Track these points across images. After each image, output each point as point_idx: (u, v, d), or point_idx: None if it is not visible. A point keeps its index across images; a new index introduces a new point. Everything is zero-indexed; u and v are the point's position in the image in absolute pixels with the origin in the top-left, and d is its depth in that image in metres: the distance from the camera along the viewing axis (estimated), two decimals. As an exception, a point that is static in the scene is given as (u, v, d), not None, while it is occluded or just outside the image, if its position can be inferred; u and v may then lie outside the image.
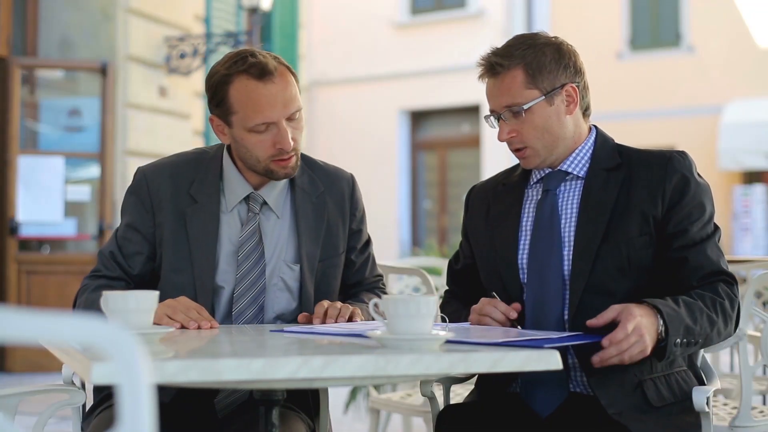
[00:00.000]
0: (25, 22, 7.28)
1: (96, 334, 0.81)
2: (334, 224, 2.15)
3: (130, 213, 2.11)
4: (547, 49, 1.93)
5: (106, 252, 2.09)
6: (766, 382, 3.48)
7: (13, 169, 6.79)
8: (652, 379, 1.85)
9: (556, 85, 1.92)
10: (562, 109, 1.94)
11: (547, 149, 1.94)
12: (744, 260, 4.21)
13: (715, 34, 14.32)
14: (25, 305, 6.71)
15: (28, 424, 2.00)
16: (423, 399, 2.89)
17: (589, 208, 1.91)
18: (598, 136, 2.01)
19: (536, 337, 1.62)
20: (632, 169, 1.92)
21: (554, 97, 1.92)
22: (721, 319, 1.82)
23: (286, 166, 2.03)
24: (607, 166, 1.94)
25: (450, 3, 14.97)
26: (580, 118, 1.99)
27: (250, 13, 8.98)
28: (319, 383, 1.67)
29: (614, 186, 1.91)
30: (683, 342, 1.76)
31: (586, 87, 2.00)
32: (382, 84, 14.86)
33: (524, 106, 1.91)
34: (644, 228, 1.87)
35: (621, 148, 1.99)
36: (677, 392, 1.88)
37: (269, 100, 1.97)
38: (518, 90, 1.91)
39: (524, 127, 1.92)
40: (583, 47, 9.09)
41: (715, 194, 1.94)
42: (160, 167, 2.13)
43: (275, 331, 1.80)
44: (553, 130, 1.93)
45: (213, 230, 2.05)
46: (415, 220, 15.23)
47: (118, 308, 1.56)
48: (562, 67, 1.93)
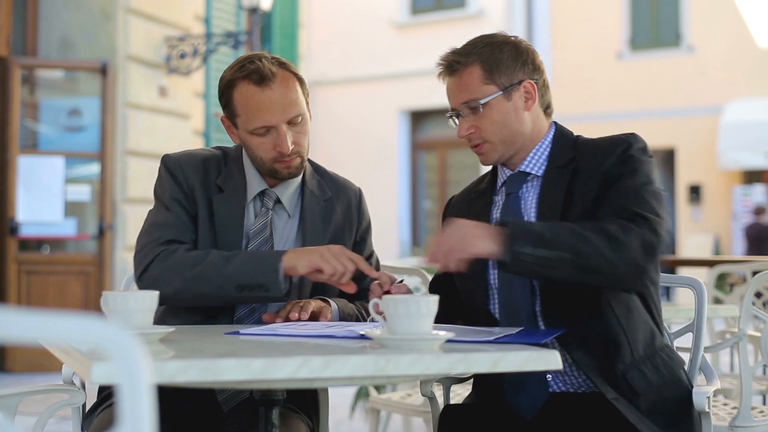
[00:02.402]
0: (25, 22, 7.29)
1: (96, 334, 0.81)
2: (340, 230, 2.18)
3: (174, 191, 2.09)
4: (504, 47, 1.95)
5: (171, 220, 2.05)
6: (766, 382, 3.49)
7: (13, 169, 6.79)
8: (636, 366, 1.83)
9: (514, 81, 1.94)
10: (521, 105, 1.95)
11: (505, 144, 1.95)
12: (744, 260, 4.21)
13: (715, 34, 14.32)
14: (25, 305, 6.71)
15: (28, 424, 2.00)
16: (423, 399, 2.89)
17: (545, 207, 1.91)
18: (557, 133, 2.01)
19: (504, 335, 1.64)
20: (580, 161, 1.92)
21: (512, 93, 1.94)
22: (603, 240, 1.70)
23: (289, 166, 2.08)
24: (560, 164, 1.94)
25: (450, 3, 14.98)
26: (540, 115, 1.99)
27: (250, 13, 8.98)
28: (319, 383, 1.67)
29: (564, 182, 1.91)
30: (537, 254, 1.68)
31: (546, 85, 2.00)
32: (382, 84, 14.86)
33: (481, 101, 1.92)
34: (591, 214, 1.85)
35: (578, 141, 1.98)
36: (663, 370, 1.86)
37: (268, 105, 2.03)
38: (476, 86, 1.93)
39: (482, 122, 1.94)
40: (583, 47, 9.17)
41: (715, 194, 1.93)
42: (191, 155, 2.16)
43: (230, 333, 1.75)
44: (511, 125, 1.94)
45: (238, 219, 2.10)
46: (415, 220, 15.24)
47: (118, 308, 1.56)
48: (520, 63, 1.95)
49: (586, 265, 1.71)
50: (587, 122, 12.85)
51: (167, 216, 2.08)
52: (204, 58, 7.86)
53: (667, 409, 1.83)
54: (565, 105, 15.00)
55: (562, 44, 14.98)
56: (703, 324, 2.03)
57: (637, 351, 1.84)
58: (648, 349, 1.86)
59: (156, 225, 2.06)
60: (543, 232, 1.70)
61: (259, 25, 9.21)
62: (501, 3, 14.46)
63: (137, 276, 2.02)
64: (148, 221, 2.10)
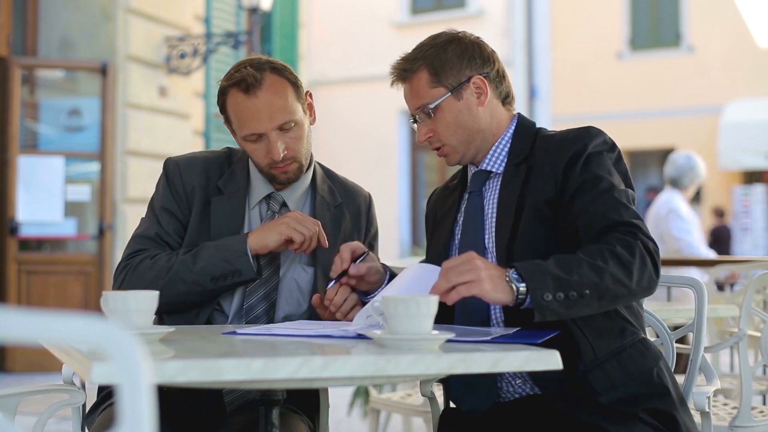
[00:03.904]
0: (25, 22, 7.29)
1: (96, 334, 0.81)
2: (349, 237, 2.17)
3: (166, 200, 2.12)
4: (448, 46, 1.93)
5: (150, 233, 2.09)
6: (766, 382, 3.49)
7: (13, 169, 6.79)
8: (599, 365, 1.76)
9: (462, 79, 1.91)
10: (473, 102, 1.92)
11: (463, 144, 1.93)
12: (744, 260, 4.21)
13: (715, 34, 14.32)
14: (25, 305, 6.71)
15: (28, 424, 2.00)
16: (423, 399, 2.89)
17: (503, 207, 1.88)
18: (519, 126, 1.97)
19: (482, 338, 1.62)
20: (535, 157, 1.88)
21: (462, 92, 1.91)
22: (615, 265, 1.65)
23: (285, 171, 2.09)
24: (517, 161, 1.91)
25: (450, 3, 14.99)
26: (498, 107, 1.96)
27: (250, 13, 8.97)
28: (319, 383, 1.67)
29: (519, 180, 1.87)
30: (560, 297, 1.60)
31: (501, 75, 1.96)
32: (382, 84, 14.72)
33: (431, 106, 1.91)
34: (544, 216, 1.81)
35: (537, 135, 1.93)
36: (632, 369, 1.78)
37: (254, 112, 2.03)
38: (425, 90, 1.92)
39: (437, 125, 1.92)
40: (583, 47, 9.14)
41: (715, 194, 1.92)
42: (193, 158, 2.17)
43: (227, 333, 1.75)
44: (466, 124, 1.92)
45: (237, 222, 2.10)
46: (415, 220, 15.24)
47: (118, 308, 1.56)
48: (466, 60, 1.92)
49: (607, 295, 1.66)
50: (587, 122, 12.78)
51: (150, 228, 2.10)
52: (204, 58, 7.86)
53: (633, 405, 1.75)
54: (565, 105, 15.00)
55: (562, 44, 14.98)
56: (704, 324, 2.03)
57: (600, 350, 1.77)
58: (614, 345, 1.78)
59: (137, 237, 2.10)
60: (560, 274, 1.62)
61: (259, 25, 9.21)
62: (501, 3, 14.46)
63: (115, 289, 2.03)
64: (136, 230, 2.14)
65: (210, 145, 8.66)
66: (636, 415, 1.76)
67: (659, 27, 14.82)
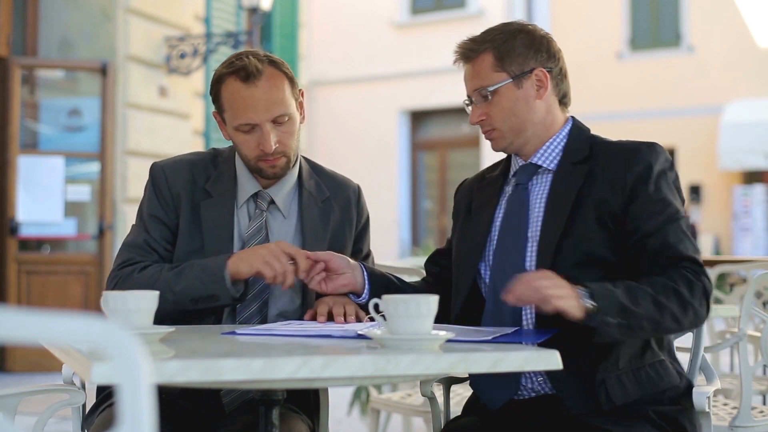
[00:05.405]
0: (25, 22, 7.29)
1: (96, 334, 0.81)
2: (340, 229, 2.18)
3: (153, 205, 2.12)
4: (518, 35, 1.95)
5: (139, 241, 2.10)
6: (766, 382, 3.49)
7: (13, 169, 6.79)
8: (617, 376, 1.80)
9: (525, 69, 1.93)
10: (532, 94, 1.94)
11: (513, 132, 1.94)
12: (744, 260, 4.21)
13: (715, 34, 14.32)
14: (25, 305, 6.71)
15: (28, 424, 2.00)
16: (423, 399, 2.89)
17: (554, 202, 1.89)
18: (574, 128, 1.99)
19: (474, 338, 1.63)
20: (598, 162, 1.90)
21: (523, 81, 1.93)
22: (676, 305, 1.73)
23: (274, 165, 2.08)
24: (575, 160, 1.92)
25: (450, 3, 14.98)
26: (554, 105, 1.98)
27: (250, 13, 8.97)
28: (319, 383, 1.67)
29: (578, 179, 1.88)
30: (622, 323, 1.68)
31: (563, 74, 2.00)
32: (382, 84, 14.86)
33: (490, 88, 1.93)
34: (603, 222, 1.84)
35: (594, 140, 1.97)
36: (647, 386, 1.82)
37: (252, 102, 2.03)
38: (486, 73, 1.94)
39: (492, 109, 1.94)
40: (583, 47, 9.16)
41: (715, 194, 1.93)
42: (178, 162, 2.17)
43: (226, 333, 1.75)
44: (521, 113, 1.93)
45: (227, 223, 2.10)
46: (415, 220, 15.24)
47: (118, 308, 1.56)
48: (533, 51, 1.94)
49: (660, 330, 1.77)
50: (587, 122, 12.76)
51: (139, 236, 2.11)
52: (204, 58, 7.86)
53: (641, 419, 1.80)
54: (565, 105, 14.99)
55: (562, 44, 14.81)
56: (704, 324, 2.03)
57: (624, 361, 1.81)
58: (634, 362, 1.83)
59: (127, 245, 2.11)
60: (628, 305, 1.69)
61: (259, 25, 9.21)
62: (501, 3, 14.47)
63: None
64: (126, 238, 2.14)
65: (210, 145, 8.65)
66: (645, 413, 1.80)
67: (659, 27, 14.82)
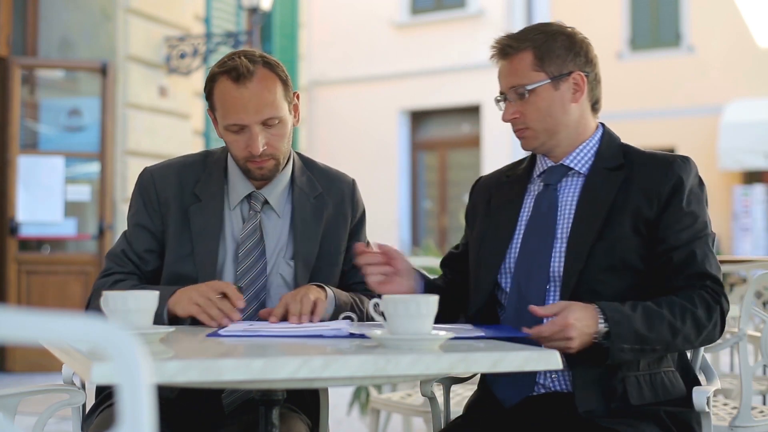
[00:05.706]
0: (25, 22, 7.28)
1: (96, 334, 0.81)
2: (334, 224, 2.16)
3: (139, 212, 2.14)
4: (558, 36, 1.95)
5: (117, 251, 2.12)
6: (766, 382, 3.48)
7: (13, 169, 6.79)
8: (636, 376, 1.83)
9: (564, 71, 1.94)
10: (568, 97, 1.95)
11: (547, 133, 1.95)
12: (744, 260, 4.20)
13: (715, 34, 14.32)
14: (25, 305, 6.71)
15: (28, 424, 2.00)
16: (423, 399, 2.89)
17: (587, 205, 1.91)
18: (605, 134, 2.01)
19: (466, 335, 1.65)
20: (633, 170, 1.92)
21: (560, 83, 1.94)
22: (691, 328, 1.79)
23: (261, 167, 2.07)
24: (610, 166, 1.94)
25: (450, 3, 14.97)
26: (587, 110, 2.00)
27: (250, 13, 8.97)
28: (319, 383, 1.67)
29: (614, 186, 1.90)
30: (635, 348, 1.75)
31: (597, 80, 2.01)
32: (382, 84, 14.85)
33: (528, 87, 1.92)
34: (637, 229, 1.86)
35: (626, 148, 1.98)
36: (660, 393, 1.86)
37: (242, 103, 2.02)
38: (525, 71, 1.93)
39: (527, 108, 1.94)
40: (583, 47, 8.72)
41: (715, 194, 1.95)
42: (167, 167, 2.17)
43: (211, 335, 1.74)
44: (556, 114, 1.94)
45: (216, 226, 2.09)
46: (415, 220, 15.23)
47: (118, 308, 1.56)
48: (573, 54, 1.95)
49: (672, 350, 1.84)
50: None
51: (119, 245, 2.12)
52: (204, 58, 7.85)
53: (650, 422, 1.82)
54: (565, 105, 14.99)
55: (562, 44, 14.94)
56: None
57: (644, 363, 1.85)
58: (653, 366, 1.87)
59: (109, 254, 2.13)
60: (642, 332, 1.75)
61: (259, 25, 9.20)
62: (501, 3, 14.46)
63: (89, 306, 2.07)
64: (115, 243, 2.15)
65: (210, 145, 8.66)
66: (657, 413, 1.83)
67: (659, 27, 14.82)
